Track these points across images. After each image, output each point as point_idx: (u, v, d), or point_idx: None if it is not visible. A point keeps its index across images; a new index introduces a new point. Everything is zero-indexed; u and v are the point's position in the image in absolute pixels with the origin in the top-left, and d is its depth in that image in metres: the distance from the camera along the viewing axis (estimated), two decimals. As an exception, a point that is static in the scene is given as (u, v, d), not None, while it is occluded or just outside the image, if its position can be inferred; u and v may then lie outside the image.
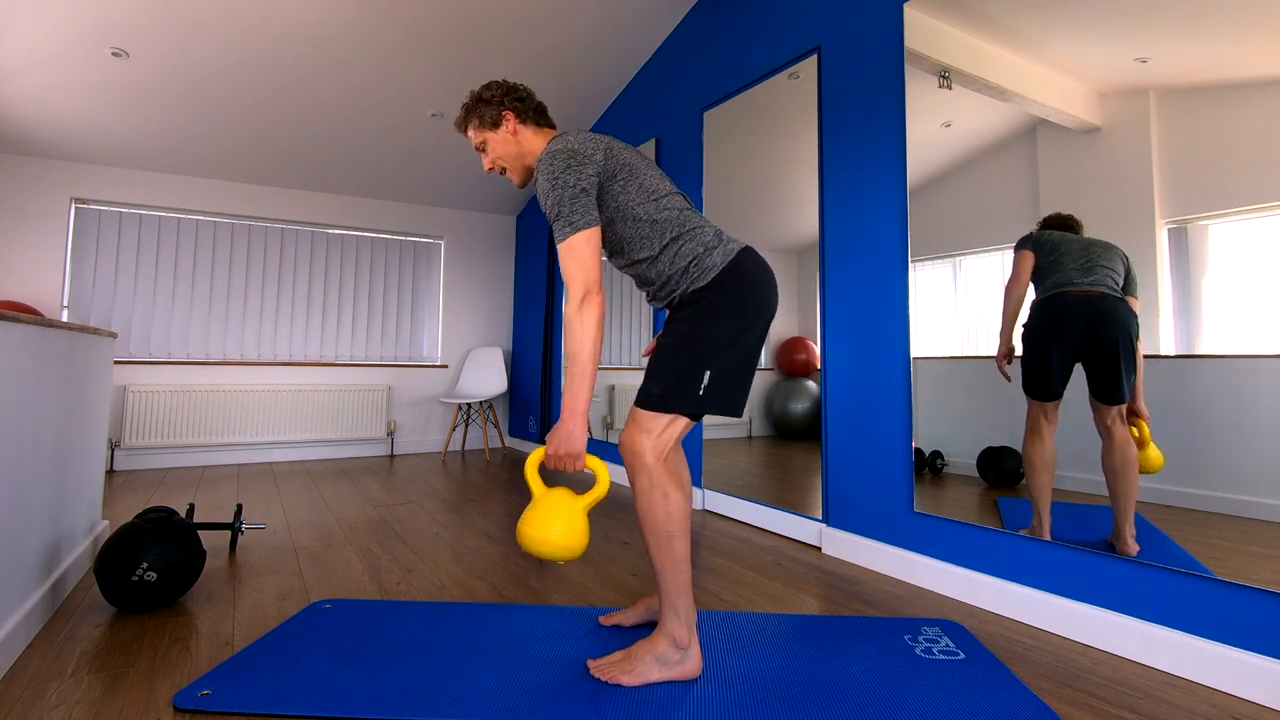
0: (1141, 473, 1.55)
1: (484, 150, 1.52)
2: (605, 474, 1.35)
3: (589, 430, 1.33)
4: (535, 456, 1.36)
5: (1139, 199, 1.57)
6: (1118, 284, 1.61)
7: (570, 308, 1.31)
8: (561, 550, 1.27)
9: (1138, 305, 1.57)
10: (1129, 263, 1.59)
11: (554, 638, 1.56)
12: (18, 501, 1.45)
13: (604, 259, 1.65)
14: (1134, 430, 1.56)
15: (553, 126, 1.55)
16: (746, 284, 1.38)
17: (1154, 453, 1.53)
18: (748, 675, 1.39)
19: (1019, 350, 1.80)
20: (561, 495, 1.32)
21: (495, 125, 1.49)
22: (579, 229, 1.31)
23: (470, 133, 1.53)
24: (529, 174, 1.52)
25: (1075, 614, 1.63)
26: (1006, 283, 1.83)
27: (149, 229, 4.22)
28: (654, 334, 3.27)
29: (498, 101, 1.48)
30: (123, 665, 1.42)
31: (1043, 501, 1.74)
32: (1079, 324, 1.66)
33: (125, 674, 1.38)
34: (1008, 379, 1.81)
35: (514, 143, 1.49)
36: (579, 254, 1.31)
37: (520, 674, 1.38)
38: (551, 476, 3.93)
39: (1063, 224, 1.74)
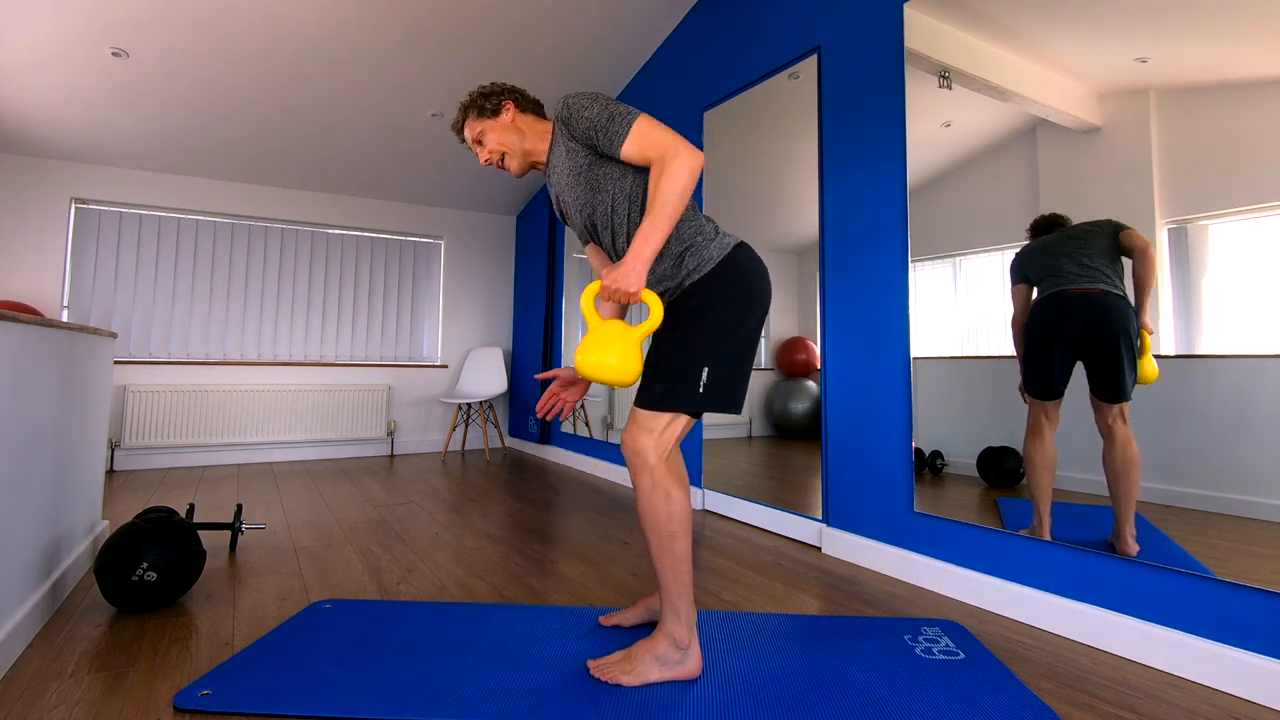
0: (1139, 382, 1.54)
1: (481, 142, 1.50)
2: (659, 305, 1.32)
3: (588, 431, 1.32)
4: (592, 289, 1.33)
5: (1139, 199, 1.57)
6: (1114, 278, 1.61)
7: (674, 157, 1.25)
8: (618, 372, 1.27)
9: (1135, 232, 1.57)
10: (1115, 222, 1.59)
11: (554, 638, 1.56)
12: (18, 501, 1.45)
13: (591, 261, 1.64)
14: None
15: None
16: (742, 278, 1.38)
17: (1150, 364, 1.52)
18: (748, 675, 1.38)
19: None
20: (618, 324, 1.30)
21: (495, 113, 1.48)
22: (638, 114, 1.31)
23: (468, 126, 1.51)
24: (527, 160, 1.50)
25: (1075, 614, 1.63)
26: (1010, 320, 1.84)
27: (149, 229, 4.22)
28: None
29: (497, 93, 1.49)
30: (123, 665, 1.42)
31: (1043, 501, 1.74)
32: (1079, 322, 1.67)
33: (125, 674, 1.38)
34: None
35: (514, 129, 1.48)
36: (656, 127, 1.29)
37: (520, 674, 1.37)
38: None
39: (1048, 226, 1.75)
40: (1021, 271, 1.81)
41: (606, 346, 1.27)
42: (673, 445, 1.37)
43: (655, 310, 1.31)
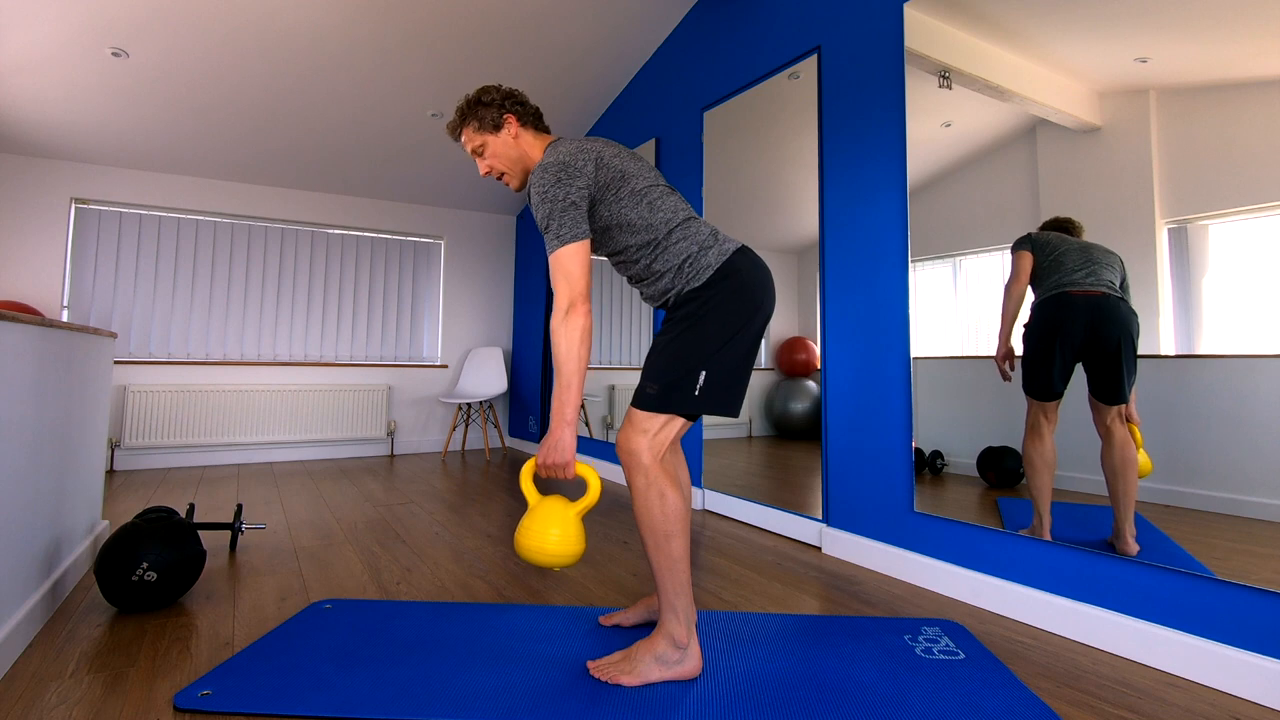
0: (1140, 476, 1.55)
1: (481, 154, 1.50)
2: (596, 480, 1.35)
3: (588, 431, 1.34)
4: (529, 467, 1.38)
5: (1139, 199, 1.57)
6: (1117, 285, 1.61)
7: (556, 319, 1.31)
8: (558, 557, 1.30)
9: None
10: (1125, 269, 1.60)
11: (554, 638, 1.56)
12: (18, 501, 1.45)
13: (607, 260, 1.65)
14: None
15: (548, 131, 1.56)
16: (742, 284, 1.38)
17: (1143, 457, 1.53)
18: (748, 675, 1.39)
19: (1018, 350, 1.80)
20: (555, 503, 1.33)
21: (497, 128, 1.48)
22: (566, 242, 1.32)
23: (466, 135, 1.50)
24: (526, 181, 1.52)
25: (1075, 614, 1.63)
26: (1006, 282, 1.83)
27: (149, 229, 4.22)
28: (654, 333, 3.27)
29: (498, 105, 1.47)
30: (123, 665, 1.42)
31: (1043, 501, 1.74)
32: (1081, 323, 1.66)
33: (125, 674, 1.38)
34: (1007, 378, 1.81)
35: (515, 146, 1.49)
36: (566, 267, 1.32)
37: (520, 674, 1.38)
38: (546, 485, 3.94)
39: (1061, 226, 1.74)
40: (1030, 242, 1.79)
41: (544, 531, 1.30)
42: (668, 446, 1.37)
43: (593, 485, 1.35)
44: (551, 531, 1.29)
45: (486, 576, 2.05)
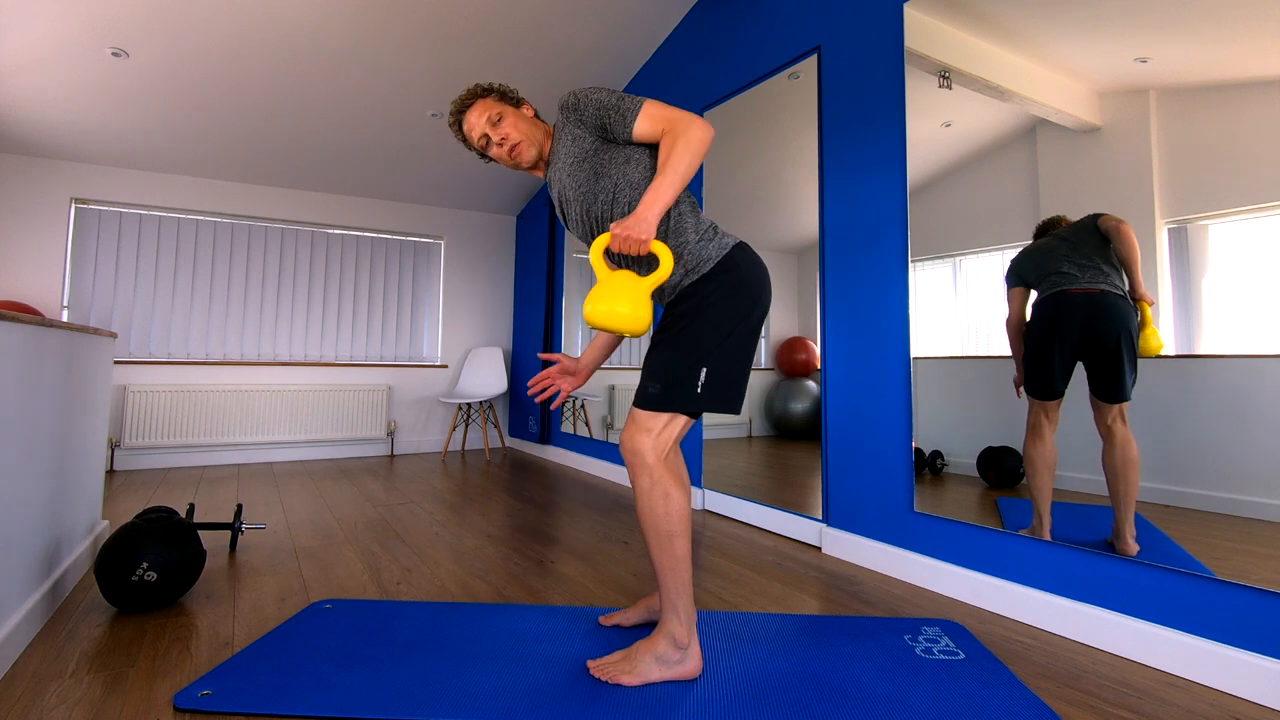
0: (1142, 357, 1.54)
1: (496, 124, 1.48)
2: (669, 256, 1.31)
3: (589, 431, 1.32)
4: (602, 240, 1.32)
5: (1139, 199, 1.57)
6: (1114, 278, 1.61)
7: (692, 125, 1.29)
8: (629, 320, 1.26)
9: (1111, 220, 1.58)
10: (1099, 215, 1.60)
11: (554, 638, 1.56)
12: (17, 501, 1.45)
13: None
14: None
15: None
16: (741, 279, 1.38)
17: (1154, 334, 1.52)
18: (748, 675, 1.39)
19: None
20: (626, 275, 1.30)
21: (517, 104, 1.53)
22: (645, 98, 1.35)
23: (483, 106, 1.49)
24: (539, 155, 1.51)
25: (1075, 614, 1.63)
26: (1005, 322, 1.85)
27: (149, 229, 4.22)
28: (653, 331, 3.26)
29: (517, 93, 1.54)
30: (123, 665, 1.42)
31: (1043, 501, 1.74)
32: (1080, 322, 1.67)
33: (125, 674, 1.38)
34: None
35: (531, 122, 1.51)
36: (665, 107, 1.33)
37: (520, 674, 1.37)
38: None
39: (1048, 229, 1.75)
40: (1019, 274, 1.82)
41: (617, 295, 1.27)
42: (671, 445, 1.37)
43: (665, 261, 1.30)
44: (623, 297, 1.26)
45: (486, 576, 2.05)
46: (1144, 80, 1.57)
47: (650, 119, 1.34)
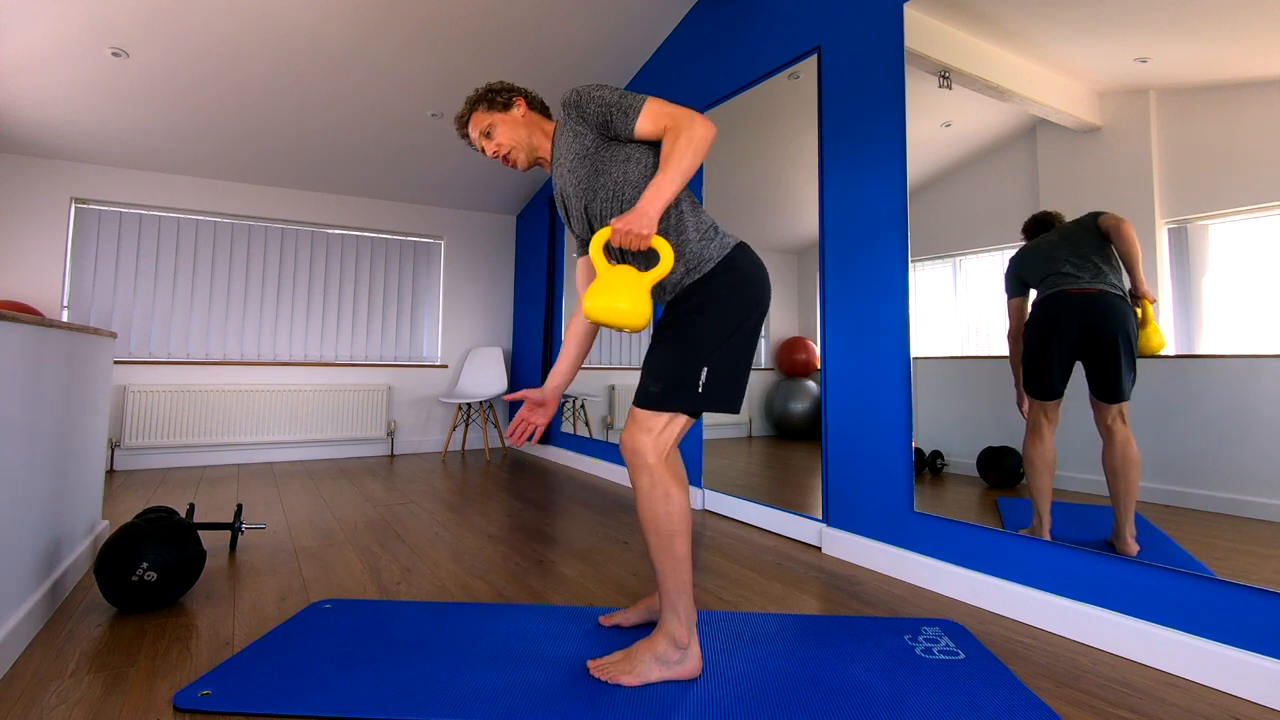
0: (1143, 355, 1.54)
1: (489, 135, 1.50)
2: (669, 251, 1.31)
3: (589, 431, 1.31)
4: (602, 235, 1.32)
5: (1139, 199, 1.57)
6: (1113, 277, 1.61)
7: (694, 123, 1.29)
8: (629, 315, 1.25)
9: (1112, 218, 1.57)
10: (1099, 213, 1.60)
11: (554, 638, 1.56)
12: (17, 501, 1.45)
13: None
14: (1139, 311, 1.56)
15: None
16: (742, 279, 1.38)
17: (1157, 333, 1.52)
18: (748, 675, 1.39)
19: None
20: (626, 270, 1.29)
21: (506, 108, 1.50)
22: (647, 97, 1.35)
23: (476, 118, 1.51)
24: (533, 156, 1.53)
25: (1075, 614, 1.63)
26: (1007, 334, 1.84)
27: (149, 229, 4.22)
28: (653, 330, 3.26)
29: (508, 89, 1.51)
30: (123, 665, 1.42)
31: (1043, 501, 1.74)
32: (1077, 323, 1.67)
33: (125, 674, 1.38)
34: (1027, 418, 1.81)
35: (523, 124, 1.51)
36: (667, 105, 1.33)
37: (520, 674, 1.37)
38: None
39: (1041, 225, 1.75)
40: (1019, 278, 1.81)
41: (617, 290, 1.26)
42: (671, 445, 1.37)
43: (666, 257, 1.30)
44: (623, 292, 1.26)
45: (486, 576, 2.05)
46: (1144, 80, 1.57)
47: (653, 116, 1.33)
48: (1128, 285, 1.59)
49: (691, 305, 1.38)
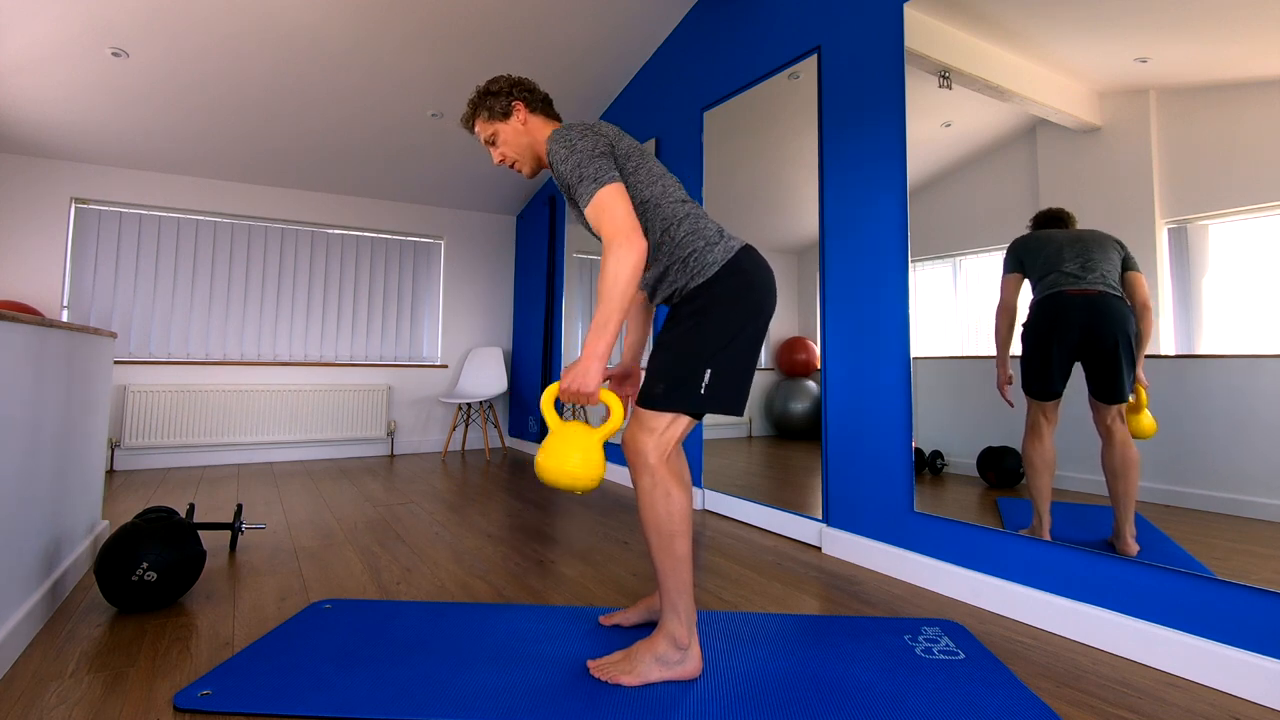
0: (1134, 437, 1.54)
1: (494, 143, 1.52)
2: (618, 406, 1.32)
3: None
4: (551, 391, 1.35)
5: (1139, 199, 1.57)
6: (1114, 281, 1.61)
7: (605, 255, 1.26)
8: (579, 479, 1.27)
9: (1143, 281, 1.56)
10: (1125, 249, 1.59)
11: (554, 638, 1.56)
12: (18, 501, 1.45)
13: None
14: (1131, 398, 1.56)
15: (559, 119, 1.56)
16: (747, 282, 1.38)
17: (1147, 418, 1.52)
18: (748, 675, 1.39)
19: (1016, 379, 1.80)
20: (577, 427, 1.31)
21: (506, 116, 1.49)
22: (603, 184, 1.29)
23: (479, 126, 1.52)
24: (539, 165, 1.54)
25: (1075, 614, 1.64)
26: (996, 308, 1.84)
27: (149, 229, 4.22)
28: (654, 335, 3.27)
29: (506, 93, 1.49)
30: (123, 665, 1.42)
31: (1043, 501, 1.74)
32: (1077, 323, 1.67)
33: (125, 674, 1.38)
34: (1011, 404, 1.81)
35: (524, 133, 1.50)
36: (609, 208, 1.27)
37: (520, 674, 1.38)
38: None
39: (1052, 220, 1.74)
40: (1017, 258, 1.81)
41: (568, 451, 1.28)
42: (674, 445, 1.37)
43: (615, 411, 1.33)
44: (574, 454, 1.26)
45: (486, 576, 2.05)
46: (1144, 80, 1.57)
47: (596, 214, 1.29)
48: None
49: (696, 307, 1.38)
